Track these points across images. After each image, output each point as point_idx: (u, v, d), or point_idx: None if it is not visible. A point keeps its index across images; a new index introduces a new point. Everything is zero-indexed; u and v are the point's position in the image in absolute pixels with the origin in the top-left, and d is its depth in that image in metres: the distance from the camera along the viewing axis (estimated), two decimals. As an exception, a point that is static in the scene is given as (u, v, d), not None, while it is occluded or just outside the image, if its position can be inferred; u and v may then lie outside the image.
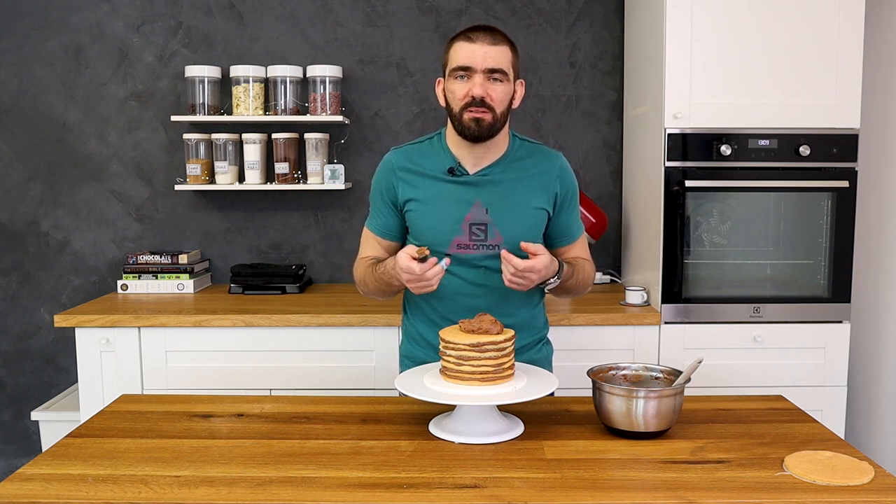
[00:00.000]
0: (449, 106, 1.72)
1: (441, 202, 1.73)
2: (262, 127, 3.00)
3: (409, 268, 1.57)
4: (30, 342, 3.13)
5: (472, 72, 1.66)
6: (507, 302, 1.77)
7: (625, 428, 1.49)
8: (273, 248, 3.12)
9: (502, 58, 1.67)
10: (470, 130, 1.68)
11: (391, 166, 1.79)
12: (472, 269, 1.75)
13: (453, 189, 1.74)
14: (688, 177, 2.46)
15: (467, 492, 1.28)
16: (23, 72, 3.03)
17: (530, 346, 1.85)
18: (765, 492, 1.27)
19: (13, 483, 1.32)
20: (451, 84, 1.69)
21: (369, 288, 1.80)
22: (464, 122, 1.68)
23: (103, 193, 3.09)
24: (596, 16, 3.03)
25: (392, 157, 1.81)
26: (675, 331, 2.50)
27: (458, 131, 1.71)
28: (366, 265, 1.80)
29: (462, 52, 1.67)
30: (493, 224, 1.73)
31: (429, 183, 1.75)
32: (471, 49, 1.66)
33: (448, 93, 1.71)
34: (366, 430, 1.57)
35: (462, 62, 1.66)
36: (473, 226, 1.73)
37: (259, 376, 2.51)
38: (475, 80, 1.66)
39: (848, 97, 2.45)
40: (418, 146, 1.81)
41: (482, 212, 1.73)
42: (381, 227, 1.82)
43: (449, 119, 1.74)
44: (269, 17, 3.03)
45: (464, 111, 1.67)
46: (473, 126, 1.67)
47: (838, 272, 2.51)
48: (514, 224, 1.74)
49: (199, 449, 1.47)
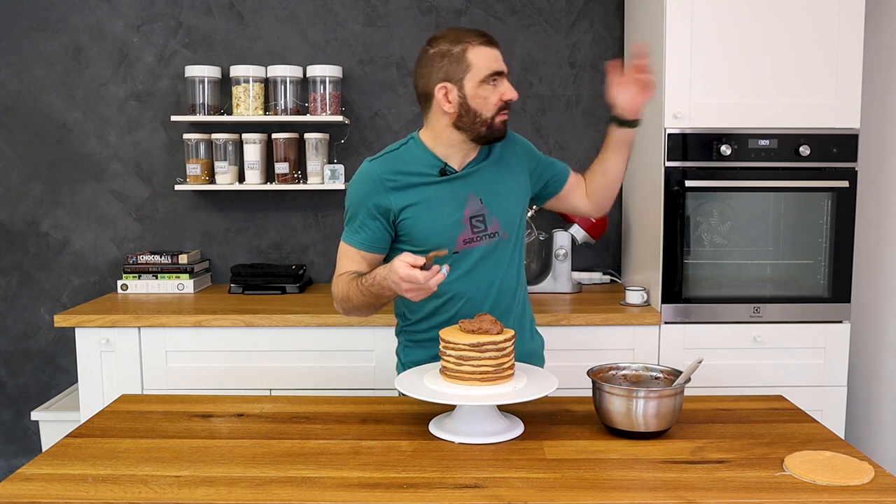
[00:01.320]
0: (472, 111, 1.67)
1: (439, 204, 1.72)
2: (262, 127, 3.00)
3: (413, 276, 1.49)
4: (30, 342, 3.13)
5: (503, 76, 1.69)
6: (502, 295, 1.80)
7: (625, 428, 1.49)
8: (273, 248, 3.12)
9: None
10: (502, 132, 1.72)
11: (376, 177, 1.70)
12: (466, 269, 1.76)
13: (446, 188, 1.73)
14: (688, 177, 2.46)
15: (467, 492, 1.28)
16: (23, 72, 3.04)
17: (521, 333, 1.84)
18: (765, 492, 1.27)
19: (13, 483, 1.32)
20: (483, 90, 1.66)
21: (353, 303, 1.69)
22: (496, 126, 1.70)
23: (103, 193, 3.09)
24: (596, 16, 3.03)
25: (374, 167, 1.73)
26: (675, 331, 2.50)
27: (483, 136, 1.70)
28: (347, 280, 1.70)
29: (490, 56, 1.67)
30: (489, 212, 1.75)
31: (421, 188, 1.72)
32: (495, 54, 1.68)
33: (476, 98, 1.66)
34: (366, 430, 1.57)
35: (496, 67, 1.67)
36: (473, 219, 1.74)
37: (259, 376, 2.51)
38: (506, 84, 1.69)
39: (848, 97, 2.45)
40: (396, 153, 1.75)
41: (477, 203, 1.74)
42: (367, 241, 1.72)
43: (459, 125, 1.69)
44: (269, 17, 3.03)
45: (497, 115, 1.69)
46: (503, 128, 1.72)
47: (838, 272, 2.51)
48: (505, 207, 1.78)
49: (199, 449, 1.47)
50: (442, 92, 1.68)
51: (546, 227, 2.96)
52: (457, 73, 1.66)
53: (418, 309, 1.79)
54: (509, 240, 1.79)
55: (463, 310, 1.75)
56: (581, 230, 2.86)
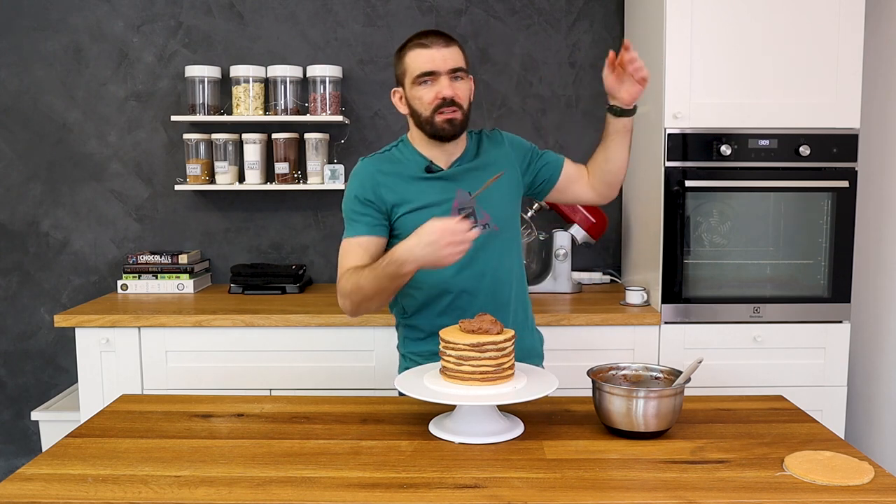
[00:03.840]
0: (416, 112, 1.76)
1: (425, 198, 1.76)
2: (262, 127, 3.00)
3: (450, 227, 1.51)
4: (30, 342, 3.13)
5: (436, 75, 1.71)
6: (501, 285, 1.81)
7: (625, 428, 1.49)
8: (273, 248, 3.12)
9: (459, 56, 1.75)
10: (444, 131, 1.74)
11: (370, 172, 1.78)
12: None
13: (433, 185, 1.78)
14: (688, 177, 2.46)
15: (467, 492, 1.28)
16: (23, 72, 3.04)
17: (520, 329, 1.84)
18: (765, 492, 1.27)
19: (13, 483, 1.32)
20: (417, 91, 1.73)
21: (365, 292, 1.67)
22: (437, 125, 1.73)
23: (103, 193, 3.09)
24: (596, 16, 3.03)
25: (366, 165, 1.81)
26: (675, 331, 2.50)
27: (430, 134, 1.76)
28: (354, 271, 1.70)
29: (422, 58, 1.72)
30: (479, 205, 1.77)
31: (408, 185, 1.77)
32: (429, 54, 1.71)
33: (414, 100, 1.75)
34: (366, 430, 1.57)
35: (425, 68, 1.71)
36: (462, 210, 1.75)
37: (259, 376, 2.51)
38: (442, 83, 1.71)
39: (848, 97, 2.45)
40: (387, 154, 1.83)
41: (466, 195, 1.77)
42: (368, 226, 1.75)
43: (416, 125, 1.79)
44: (269, 17, 3.03)
45: (435, 114, 1.72)
46: (447, 126, 1.73)
47: (838, 272, 2.51)
48: (495, 202, 1.80)
49: (199, 449, 1.47)
50: (396, 96, 1.81)
51: (546, 227, 2.96)
52: (401, 77, 1.78)
53: (414, 300, 1.81)
54: (501, 233, 1.81)
55: (458, 301, 1.78)
56: (581, 230, 2.85)
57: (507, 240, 1.83)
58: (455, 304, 1.78)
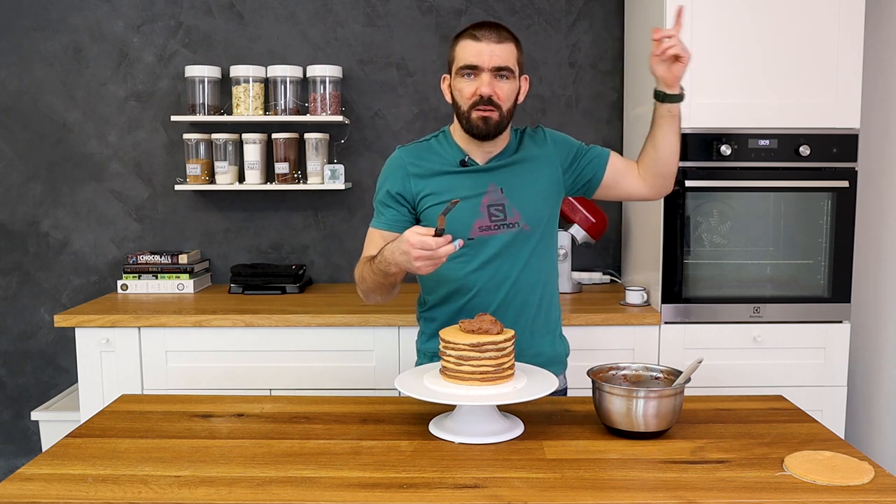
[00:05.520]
0: (456, 103, 1.74)
1: (456, 191, 1.74)
2: (262, 127, 3.00)
3: (424, 242, 1.47)
4: (30, 342, 3.13)
5: (479, 70, 1.68)
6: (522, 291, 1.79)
7: (625, 428, 1.49)
8: (273, 248, 3.12)
9: (508, 55, 1.69)
10: (478, 129, 1.70)
11: (401, 163, 1.78)
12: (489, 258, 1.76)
13: (466, 178, 1.76)
14: (688, 177, 2.46)
15: (467, 492, 1.28)
16: (23, 72, 3.04)
17: (543, 337, 1.84)
18: (765, 492, 1.27)
19: (13, 483, 1.32)
20: (459, 82, 1.71)
21: (367, 284, 1.72)
22: (472, 121, 1.70)
23: (103, 193, 3.09)
24: (596, 16, 3.03)
25: (401, 154, 1.80)
26: (675, 331, 2.50)
27: (465, 129, 1.73)
28: (363, 261, 1.74)
29: (469, 50, 1.68)
30: (510, 203, 1.75)
31: (441, 177, 1.76)
32: (477, 48, 1.67)
33: (455, 91, 1.73)
34: (366, 430, 1.57)
35: (469, 61, 1.68)
36: (491, 207, 1.74)
37: (259, 376, 2.51)
38: (483, 79, 1.68)
39: (848, 97, 2.45)
40: (425, 144, 1.82)
41: (497, 192, 1.75)
42: (388, 221, 1.77)
43: (455, 115, 1.76)
44: (269, 17, 3.03)
45: (472, 110, 1.69)
46: (481, 125, 1.70)
47: (838, 272, 2.51)
48: (529, 199, 1.76)
49: (199, 449, 1.47)
50: (445, 82, 1.78)
51: (546, 227, 2.96)
52: (450, 64, 1.75)
53: (434, 293, 1.81)
54: (532, 234, 1.77)
55: (475, 300, 1.77)
56: (581, 230, 2.85)
57: (538, 242, 1.79)
58: (473, 304, 1.76)
